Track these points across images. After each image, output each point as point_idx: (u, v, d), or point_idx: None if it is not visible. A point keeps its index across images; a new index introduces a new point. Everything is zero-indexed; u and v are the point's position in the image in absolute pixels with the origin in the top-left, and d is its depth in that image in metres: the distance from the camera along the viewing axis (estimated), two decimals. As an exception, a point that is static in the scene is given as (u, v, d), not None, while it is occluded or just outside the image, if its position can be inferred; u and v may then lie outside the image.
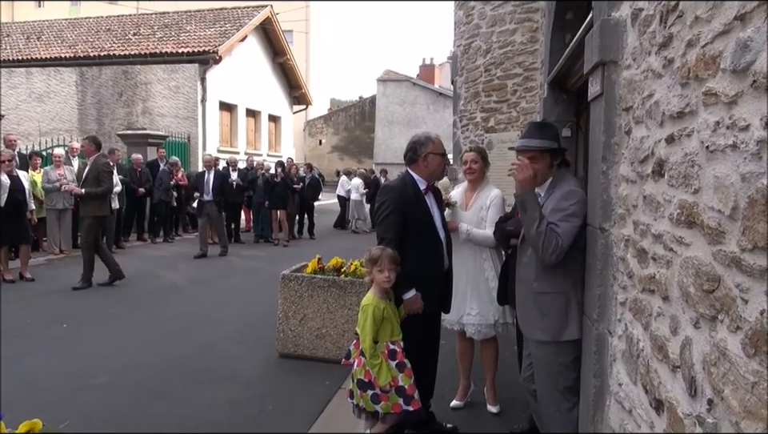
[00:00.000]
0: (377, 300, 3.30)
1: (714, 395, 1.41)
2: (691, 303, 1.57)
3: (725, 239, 1.38)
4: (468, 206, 4.13)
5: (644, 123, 2.07)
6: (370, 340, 3.25)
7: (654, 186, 1.94)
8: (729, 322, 1.35)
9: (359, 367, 3.30)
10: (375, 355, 3.25)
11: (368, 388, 3.27)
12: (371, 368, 3.26)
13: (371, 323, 3.25)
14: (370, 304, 3.28)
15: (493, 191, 4.10)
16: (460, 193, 4.25)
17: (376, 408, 3.27)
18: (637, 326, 2.12)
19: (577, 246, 2.86)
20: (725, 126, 1.38)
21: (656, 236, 1.90)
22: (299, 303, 5.29)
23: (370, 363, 3.25)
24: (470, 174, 4.13)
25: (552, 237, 2.80)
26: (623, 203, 2.36)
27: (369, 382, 3.27)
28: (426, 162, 3.65)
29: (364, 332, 3.26)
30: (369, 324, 3.24)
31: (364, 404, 3.30)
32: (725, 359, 1.35)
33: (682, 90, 1.67)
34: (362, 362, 3.28)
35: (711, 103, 1.46)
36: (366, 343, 3.25)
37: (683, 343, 1.63)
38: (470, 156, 4.14)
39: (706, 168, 1.50)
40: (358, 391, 3.30)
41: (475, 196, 4.12)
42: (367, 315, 3.26)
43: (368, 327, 3.24)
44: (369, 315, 3.25)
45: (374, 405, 3.27)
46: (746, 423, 1.24)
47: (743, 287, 1.28)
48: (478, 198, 4.10)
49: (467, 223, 4.03)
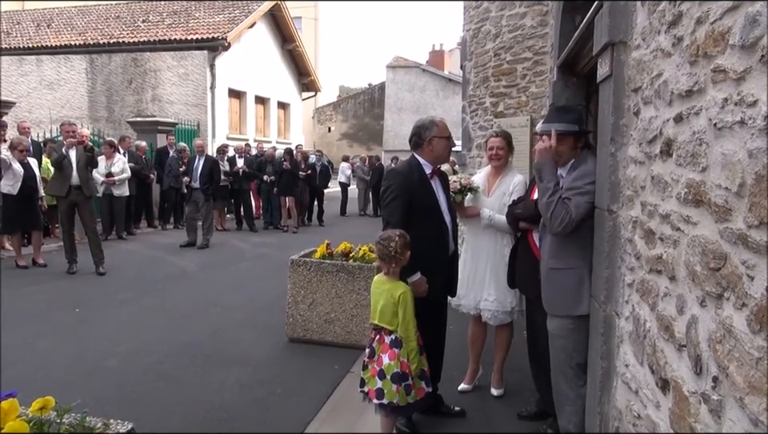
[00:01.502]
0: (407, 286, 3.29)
1: (719, 372, 1.41)
2: (698, 281, 1.57)
3: (731, 216, 1.37)
4: (490, 192, 4.09)
5: (652, 103, 2.06)
6: (414, 328, 3.23)
7: (662, 166, 1.93)
8: (735, 299, 1.35)
9: (393, 361, 3.20)
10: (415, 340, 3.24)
11: (402, 380, 3.19)
12: (412, 356, 3.22)
13: (413, 309, 3.23)
14: (407, 291, 3.24)
15: (516, 177, 4.06)
16: (482, 178, 4.21)
17: (408, 400, 3.21)
18: (644, 307, 2.12)
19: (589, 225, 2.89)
20: (733, 103, 1.37)
21: (663, 216, 1.90)
22: (308, 287, 5.31)
23: (413, 352, 3.21)
24: (495, 159, 4.06)
25: (561, 208, 2.89)
26: (631, 185, 2.35)
27: (404, 373, 3.20)
28: (431, 145, 3.65)
29: (407, 320, 3.20)
30: (411, 311, 3.22)
31: (399, 400, 3.18)
32: (730, 336, 1.35)
33: (691, 69, 1.66)
34: (396, 354, 3.20)
35: (720, 80, 1.45)
36: (411, 332, 3.21)
37: (689, 321, 1.63)
38: (496, 142, 4.05)
39: (713, 146, 1.49)
40: (392, 386, 3.17)
41: (498, 182, 4.08)
42: (407, 302, 3.21)
43: (411, 314, 3.21)
44: (410, 302, 3.22)
45: (407, 397, 3.20)
46: (749, 399, 1.24)
47: (749, 264, 1.27)
48: (501, 183, 4.06)
49: (489, 209, 4.01)
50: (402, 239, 3.23)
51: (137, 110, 17.66)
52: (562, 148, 3.10)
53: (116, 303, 6.67)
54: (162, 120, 15.36)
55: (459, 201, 4.04)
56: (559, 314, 3.09)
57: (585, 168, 3.01)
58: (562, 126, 3.10)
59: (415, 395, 3.26)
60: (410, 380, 3.22)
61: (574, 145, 3.13)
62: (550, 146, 3.08)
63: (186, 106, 17.56)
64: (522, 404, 3.98)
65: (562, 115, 3.18)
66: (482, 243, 4.07)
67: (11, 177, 8.32)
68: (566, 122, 3.11)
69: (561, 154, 3.11)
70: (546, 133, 3.12)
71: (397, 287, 3.26)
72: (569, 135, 3.10)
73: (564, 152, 3.11)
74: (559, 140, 3.08)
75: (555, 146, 3.07)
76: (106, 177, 10.89)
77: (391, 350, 3.22)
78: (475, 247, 4.10)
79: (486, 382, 4.30)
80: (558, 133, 3.08)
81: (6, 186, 8.29)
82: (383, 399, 3.20)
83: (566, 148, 3.11)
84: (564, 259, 3.04)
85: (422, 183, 3.60)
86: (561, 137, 3.08)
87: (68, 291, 7.21)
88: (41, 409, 1.87)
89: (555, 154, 3.10)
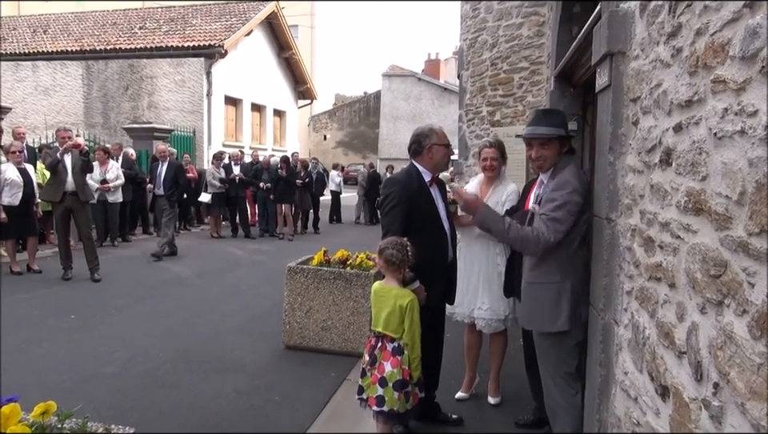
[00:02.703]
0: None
1: (720, 378, 1.43)
2: (698, 289, 1.59)
3: (732, 224, 1.39)
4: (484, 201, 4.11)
5: (651, 113, 2.08)
6: (419, 336, 3.24)
7: (662, 175, 1.95)
8: (735, 306, 1.37)
9: (395, 369, 3.18)
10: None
11: (404, 387, 3.19)
12: (416, 364, 3.22)
13: (419, 317, 3.24)
14: (414, 299, 3.24)
15: (509, 186, 4.07)
16: (475, 187, 4.22)
17: (407, 406, 3.21)
18: (643, 314, 2.14)
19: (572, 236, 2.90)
20: (733, 113, 1.39)
21: (663, 224, 1.92)
22: (305, 295, 5.31)
23: (416, 360, 3.22)
24: (489, 170, 4.09)
25: (528, 238, 2.96)
26: (630, 193, 2.38)
27: (405, 380, 3.19)
28: (430, 153, 3.67)
29: (413, 328, 3.20)
30: (418, 320, 3.23)
31: (399, 407, 3.18)
32: (731, 343, 1.37)
33: (690, 79, 1.69)
34: (398, 362, 3.19)
35: (719, 91, 1.47)
36: (417, 340, 3.22)
37: (689, 328, 1.65)
38: (489, 152, 4.07)
39: (713, 155, 1.51)
40: (394, 394, 3.16)
41: (491, 191, 4.08)
42: (414, 310, 3.22)
43: (417, 322, 3.22)
44: (417, 310, 3.23)
45: (406, 404, 3.20)
46: (751, 404, 1.26)
47: (750, 271, 1.29)
48: (494, 192, 4.07)
49: None
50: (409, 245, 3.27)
51: (133, 116, 17.65)
52: (548, 153, 3.11)
53: (111, 309, 6.64)
54: (158, 127, 15.36)
55: (453, 210, 4.05)
56: (537, 330, 3.11)
57: (562, 177, 3.00)
58: (550, 129, 3.10)
59: (413, 402, 3.26)
60: (410, 387, 3.23)
61: (560, 149, 3.13)
62: (474, 198, 3.31)
63: (182, 113, 17.57)
64: (520, 412, 3.99)
65: (548, 119, 3.18)
66: (474, 252, 4.08)
67: (11, 188, 8.30)
68: (552, 126, 3.11)
69: (546, 159, 3.12)
70: (534, 137, 3.12)
71: (404, 295, 3.26)
72: (554, 140, 3.10)
73: (549, 157, 3.12)
74: (545, 145, 3.10)
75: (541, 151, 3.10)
76: (101, 183, 10.86)
77: (393, 358, 3.22)
78: (468, 256, 4.11)
79: (483, 390, 4.30)
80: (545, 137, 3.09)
81: (6, 199, 8.28)
82: (384, 406, 3.20)
83: (552, 153, 3.12)
84: (543, 273, 3.03)
85: (421, 191, 3.62)
86: (546, 141, 3.09)
87: (63, 297, 7.18)
88: (42, 414, 1.87)
89: (535, 159, 3.15)
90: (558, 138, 3.11)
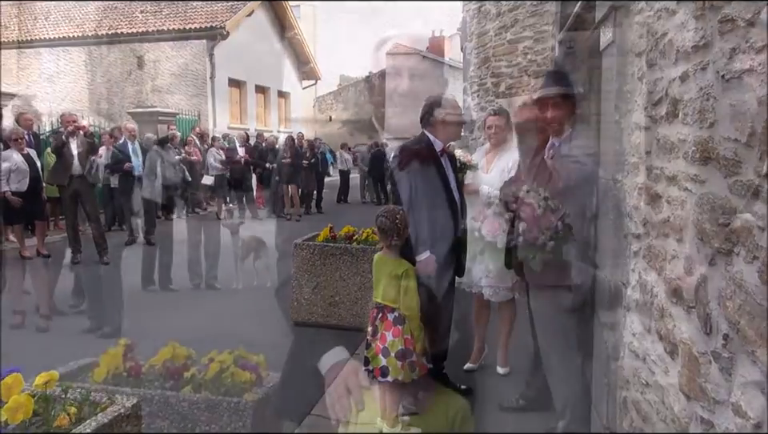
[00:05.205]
0: None
1: (730, 328, 1.39)
2: (706, 239, 1.54)
3: (741, 168, 1.34)
4: (489, 169, 4.08)
5: (657, 65, 2.02)
6: (417, 305, 3.19)
7: (668, 128, 1.90)
8: (745, 253, 1.32)
9: (397, 339, 3.12)
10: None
11: (407, 357, 3.12)
12: (417, 333, 3.17)
13: (416, 287, 3.18)
14: (409, 268, 3.20)
15: (515, 154, 4.00)
16: (480, 155, 4.20)
17: (412, 376, 3.18)
18: (650, 273, 2.10)
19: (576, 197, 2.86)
20: (741, 51, 1.33)
21: (670, 178, 1.87)
22: (312, 271, 5.30)
23: (417, 329, 3.16)
24: (494, 138, 4.06)
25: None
26: (636, 151, 2.32)
27: (408, 350, 3.12)
28: (442, 123, 3.62)
29: (409, 297, 3.15)
30: (414, 289, 3.16)
31: (404, 377, 3.11)
32: (741, 291, 1.33)
33: (697, 23, 1.62)
34: (400, 331, 3.13)
35: (727, 30, 1.41)
36: (415, 309, 3.15)
37: (698, 281, 1.61)
38: (494, 120, 4.06)
39: (721, 99, 1.46)
40: (397, 363, 3.10)
41: (497, 159, 4.06)
42: (409, 278, 3.17)
43: (414, 291, 3.16)
44: (413, 279, 3.17)
45: (411, 373, 3.13)
46: (761, 351, 1.22)
47: (760, 214, 1.25)
48: (499, 160, 4.04)
49: (488, 186, 3.99)
50: (404, 214, 3.21)
51: (137, 101, 17.61)
52: (561, 113, 3.04)
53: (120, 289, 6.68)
54: (163, 110, 15.32)
55: (460, 179, 4.02)
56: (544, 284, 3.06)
57: (579, 142, 2.97)
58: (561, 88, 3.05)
59: (419, 373, 3.24)
60: (414, 357, 3.20)
61: (573, 110, 3.08)
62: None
63: (186, 96, 17.52)
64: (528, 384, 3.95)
65: (560, 79, 3.14)
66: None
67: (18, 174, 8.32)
68: (564, 86, 3.07)
69: (560, 121, 3.05)
70: (550, 97, 3.05)
71: (399, 264, 3.21)
72: (568, 100, 3.05)
73: (562, 118, 3.05)
74: (558, 105, 3.03)
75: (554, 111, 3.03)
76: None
77: (395, 327, 3.19)
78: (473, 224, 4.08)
79: (491, 361, 4.28)
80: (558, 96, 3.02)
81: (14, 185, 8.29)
82: (388, 376, 3.18)
83: (565, 113, 3.06)
84: None
85: (431, 160, 3.58)
86: (560, 102, 3.03)
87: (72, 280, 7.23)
88: (45, 383, 1.86)
89: (552, 120, 3.06)
90: (570, 99, 3.06)
